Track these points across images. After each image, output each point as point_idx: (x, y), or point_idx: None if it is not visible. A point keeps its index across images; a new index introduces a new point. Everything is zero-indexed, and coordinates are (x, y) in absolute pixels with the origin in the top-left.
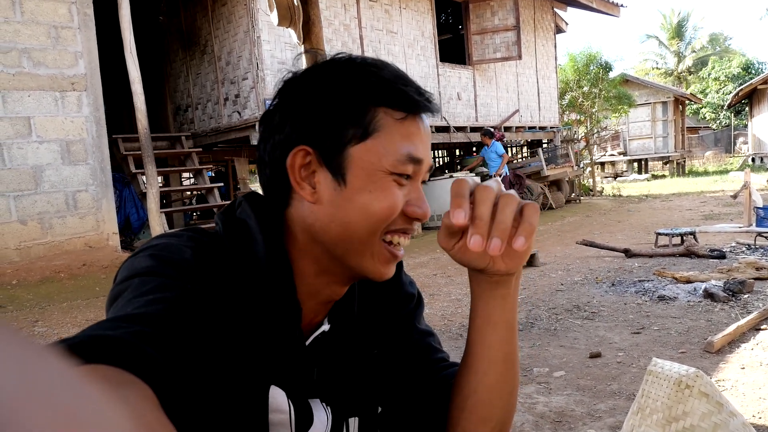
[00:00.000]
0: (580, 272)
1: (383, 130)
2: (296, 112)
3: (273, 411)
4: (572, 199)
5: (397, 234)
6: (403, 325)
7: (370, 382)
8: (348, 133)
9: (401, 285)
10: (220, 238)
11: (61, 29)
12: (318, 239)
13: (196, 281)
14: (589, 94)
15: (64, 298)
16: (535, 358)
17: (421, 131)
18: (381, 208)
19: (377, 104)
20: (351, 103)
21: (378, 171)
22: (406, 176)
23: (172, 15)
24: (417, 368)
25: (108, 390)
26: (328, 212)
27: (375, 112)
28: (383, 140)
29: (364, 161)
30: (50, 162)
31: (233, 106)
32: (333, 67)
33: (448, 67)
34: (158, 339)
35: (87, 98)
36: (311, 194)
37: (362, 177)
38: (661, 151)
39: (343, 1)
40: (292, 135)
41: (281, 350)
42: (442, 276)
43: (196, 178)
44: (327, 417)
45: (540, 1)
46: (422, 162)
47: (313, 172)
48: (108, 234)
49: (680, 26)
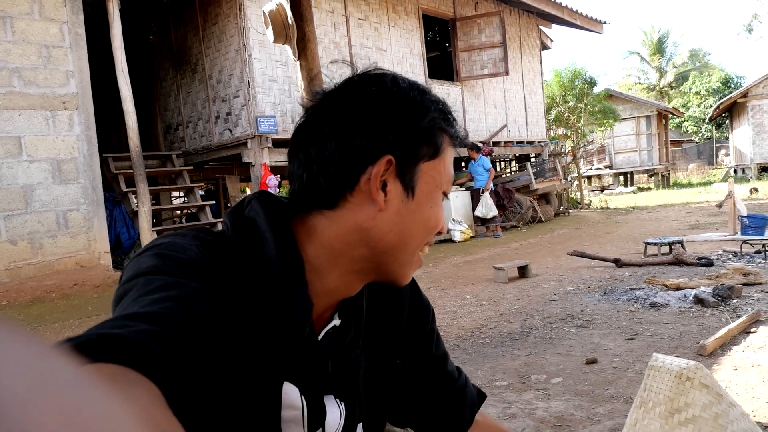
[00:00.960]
0: (573, 282)
1: (445, 152)
2: (378, 120)
3: (286, 407)
4: (561, 212)
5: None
6: (424, 338)
7: (382, 388)
8: (423, 150)
9: (421, 297)
10: (226, 236)
11: (52, 49)
12: (370, 245)
13: (202, 279)
14: (574, 109)
15: (55, 318)
16: (532, 365)
17: None
18: (437, 223)
19: (443, 129)
20: (428, 122)
21: (438, 189)
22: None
23: (163, 34)
24: (436, 380)
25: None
26: (391, 221)
27: (443, 136)
28: (445, 162)
29: (431, 178)
30: (41, 181)
31: (224, 123)
32: (396, 83)
33: (437, 83)
34: (164, 337)
35: (78, 117)
36: (382, 202)
37: (427, 192)
38: (646, 164)
39: (333, 20)
40: (376, 142)
41: (293, 346)
42: (436, 289)
43: (188, 196)
44: (341, 413)
45: (525, 19)
46: None
47: (385, 181)
48: (99, 253)
49: (661, 42)
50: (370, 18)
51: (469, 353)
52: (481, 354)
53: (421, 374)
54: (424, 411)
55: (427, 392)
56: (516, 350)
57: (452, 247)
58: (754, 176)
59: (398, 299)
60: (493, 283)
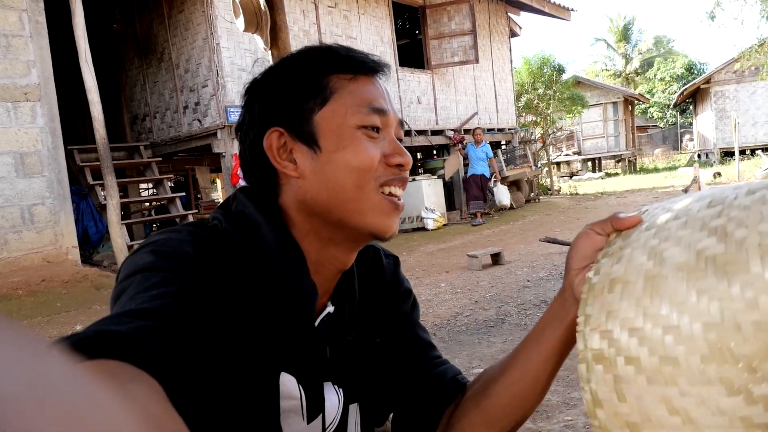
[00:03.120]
0: (545, 268)
1: (339, 91)
2: (261, 104)
3: (284, 397)
4: (532, 199)
5: (392, 185)
6: (404, 319)
7: (370, 368)
8: (310, 105)
9: (401, 281)
10: (222, 231)
11: (11, 38)
12: (315, 212)
13: (199, 274)
14: (543, 96)
15: (23, 315)
16: (508, 352)
17: (376, 87)
18: (358, 161)
19: (328, 73)
20: (304, 78)
21: (346, 128)
22: (373, 128)
23: (127, 23)
24: (414, 362)
25: (113, 385)
26: (314, 182)
27: (328, 80)
28: (343, 100)
29: (331, 123)
30: (4, 175)
31: (193, 114)
32: (287, 57)
33: (408, 71)
34: (164, 332)
35: (41, 108)
36: (294, 170)
37: (333, 138)
38: (613, 149)
39: (302, 7)
40: (262, 124)
41: (291, 335)
42: (411, 278)
43: (157, 188)
44: (339, 400)
45: (494, 6)
46: (386, 113)
47: (290, 150)
48: (67, 248)
49: (626, 29)
50: (340, 5)
51: (445, 341)
52: (457, 342)
53: (399, 354)
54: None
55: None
56: (492, 337)
57: (425, 235)
58: (717, 161)
59: (380, 278)
60: (467, 271)
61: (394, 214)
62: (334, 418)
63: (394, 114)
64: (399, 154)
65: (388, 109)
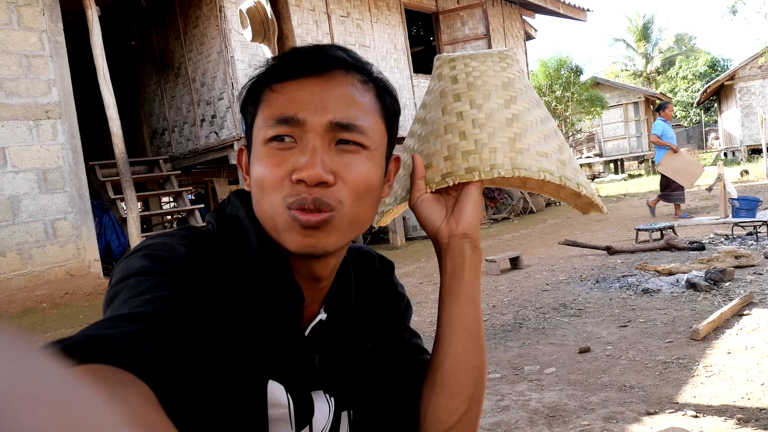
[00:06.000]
0: (564, 271)
1: (262, 104)
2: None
3: (272, 406)
4: (552, 202)
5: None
6: (395, 324)
7: (363, 375)
8: (252, 120)
9: (394, 285)
10: (213, 235)
11: (32, 58)
12: None
13: (192, 279)
14: (561, 98)
15: (47, 328)
16: (525, 356)
17: (303, 91)
18: (259, 180)
19: (264, 85)
20: (249, 93)
21: (258, 144)
22: (278, 138)
23: (145, 39)
24: (405, 366)
25: (105, 390)
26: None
27: (263, 94)
28: (262, 114)
29: (254, 139)
30: (27, 191)
31: (210, 126)
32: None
33: (422, 77)
34: (156, 337)
35: (62, 126)
36: (248, 185)
37: (253, 154)
38: (635, 150)
39: (314, 18)
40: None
41: (280, 342)
42: (428, 284)
43: (176, 200)
44: (329, 409)
45: (508, 9)
46: (298, 120)
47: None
48: (89, 261)
49: (646, 28)
50: (352, 15)
51: None
52: None
53: (389, 361)
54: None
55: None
56: (509, 342)
57: None
58: (744, 158)
59: (374, 284)
60: (485, 275)
61: (301, 232)
62: (324, 427)
63: (319, 115)
64: (300, 169)
65: (303, 115)
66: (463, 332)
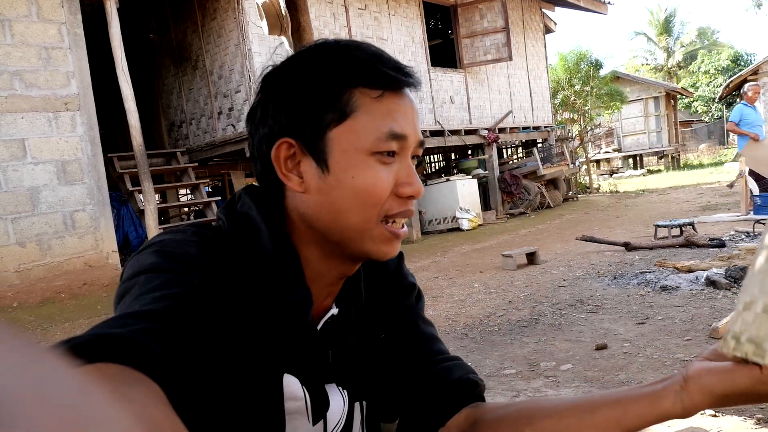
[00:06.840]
0: (582, 267)
1: (361, 109)
2: (276, 104)
3: (288, 399)
4: (570, 197)
5: (396, 218)
6: (407, 314)
7: (376, 365)
8: (326, 118)
9: (403, 275)
10: (223, 231)
11: (51, 50)
12: (315, 227)
13: (203, 275)
14: (581, 93)
15: (65, 318)
16: (541, 352)
17: (402, 106)
18: (366, 192)
19: (353, 85)
20: (325, 87)
21: (359, 152)
22: (388, 153)
23: (163, 32)
24: (418, 357)
25: (113, 389)
26: (317, 201)
27: (351, 94)
28: (362, 120)
29: (344, 143)
30: (46, 183)
31: (227, 119)
32: (307, 54)
33: (440, 71)
34: (166, 335)
35: (81, 118)
36: (299, 184)
37: (344, 161)
38: (655, 146)
39: (332, 10)
40: (275, 127)
41: (293, 337)
42: (444, 278)
43: (193, 193)
44: (344, 401)
45: (528, 2)
46: (406, 137)
47: (298, 162)
48: (107, 252)
49: (668, 22)
50: (370, 7)
51: (477, 342)
52: (489, 342)
53: (402, 350)
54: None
55: (410, 369)
56: (525, 337)
57: (460, 235)
58: None
59: (384, 275)
60: (502, 271)
61: (395, 242)
62: (339, 419)
63: (416, 134)
64: (410, 184)
65: (408, 133)
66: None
